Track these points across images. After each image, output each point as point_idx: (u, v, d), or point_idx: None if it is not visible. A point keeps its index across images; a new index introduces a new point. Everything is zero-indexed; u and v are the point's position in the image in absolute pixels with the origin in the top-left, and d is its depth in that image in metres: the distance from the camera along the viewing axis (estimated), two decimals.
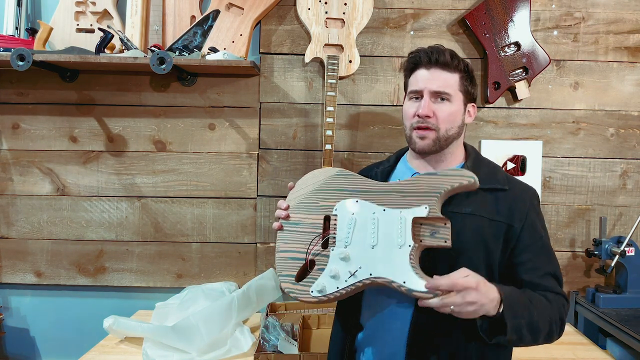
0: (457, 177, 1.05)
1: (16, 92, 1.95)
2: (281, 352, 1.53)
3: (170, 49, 1.79)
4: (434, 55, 1.22)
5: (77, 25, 1.88)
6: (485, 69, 1.88)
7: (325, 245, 1.12)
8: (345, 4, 1.85)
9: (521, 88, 1.87)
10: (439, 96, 1.21)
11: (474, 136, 1.92)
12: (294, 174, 1.94)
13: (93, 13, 1.88)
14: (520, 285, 1.18)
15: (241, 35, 1.86)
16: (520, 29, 1.85)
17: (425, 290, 0.99)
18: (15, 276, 1.99)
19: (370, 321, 1.23)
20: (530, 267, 1.19)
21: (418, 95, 1.23)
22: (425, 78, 1.22)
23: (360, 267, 1.07)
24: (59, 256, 1.98)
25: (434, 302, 0.99)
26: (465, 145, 1.32)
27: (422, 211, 1.05)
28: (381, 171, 1.34)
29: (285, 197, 1.25)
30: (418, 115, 1.21)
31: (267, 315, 1.74)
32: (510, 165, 1.91)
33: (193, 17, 1.90)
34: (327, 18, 1.86)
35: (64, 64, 1.80)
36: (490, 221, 1.18)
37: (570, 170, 1.93)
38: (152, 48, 1.79)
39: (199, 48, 1.80)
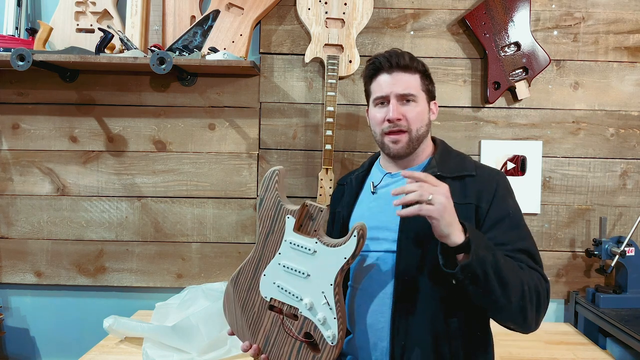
0: (268, 178, 1.18)
1: (16, 92, 1.95)
2: None
3: (170, 49, 1.79)
4: (394, 59, 1.26)
5: (77, 25, 1.88)
6: (485, 69, 1.88)
7: (294, 317, 1.18)
8: (345, 4, 1.85)
9: (521, 88, 1.87)
10: (405, 98, 1.24)
11: (474, 136, 1.92)
12: (294, 174, 1.94)
13: (93, 13, 1.88)
14: None
15: (241, 35, 1.86)
16: (520, 29, 1.85)
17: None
18: (15, 276, 1.99)
19: (356, 326, 1.25)
20: (496, 243, 1.15)
21: (384, 100, 1.26)
22: (389, 82, 1.25)
23: (323, 292, 1.13)
24: (59, 256, 1.98)
25: (412, 186, 1.04)
26: (434, 139, 1.36)
27: (291, 223, 1.15)
28: (355, 177, 1.39)
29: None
30: (388, 120, 1.24)
31: None
32: (510, 165, 1.90)
33: (193, 17, 1.90)
34: (327, 18, 1.86)
35: (64, 64, 1.80)
36: (460, 205, 1.18)
37: (570, 170, 1.93)
38: (152, 48, 1.79)
39: (199, 48, 1.80)
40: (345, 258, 1.10)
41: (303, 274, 1.15)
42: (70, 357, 1.97)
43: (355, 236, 1.09)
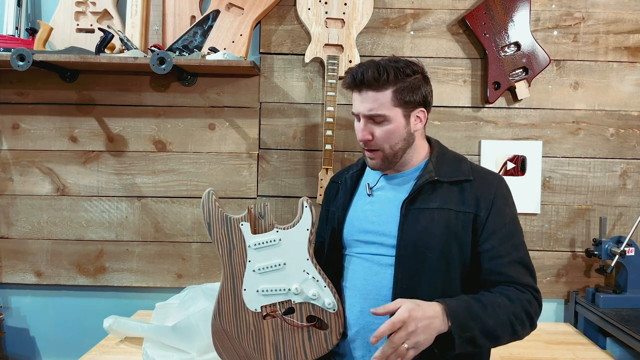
0: (207, 201, 1.27)
1: (16, 92, 1.95)
2: None
3: (170, 49, 1.79)
4: (359, 77, 1.18)
5: (77, 25, 1.88)
6: (485, 69, 1.88)
7: (291, 310, 1.22)
8: (345, 4, 1.85)
9: (521, 88, 1.87)
10: (372, 118, 1.20)
11: (474, 136, 1.92)
12: (294, 174, 1.94)
13: (93, 13, 1.88)
14: (483, 274, 1.17)
15: (241, 35, 1.86)
16: (520, 29, 1.85)
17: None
18: (15, 276, 1.99)
19: (350, 326, 1.25)
20: (493, 255, 1.16)
21: (357, 117, 1.24)
22: (358, 101, 1.21)
23: (304, 270, 1.20)
24: (59, 256, 1.98)
25: (386, 349, 1.00)
26: (429, 139, 1.33)
27: (247, 228, 1.24)
28: (350, 176, 1.37)
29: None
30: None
31: None
32: (510, 165, 1.90)
33: (193, 17, 1.90)
34: (327, 18, 1.86)
35: (64, 64, 1.80)
36: (457, 213, 1.18)
37: (570, 170, 1.93)
38: (152, 48, 1.79)
39: (199, 48, 1.80)
40: (307, 229, 1.19)
41: (279, 265, 1.20)
42: (70, 357, 1.96)
43: (306, 207, 1.20)
